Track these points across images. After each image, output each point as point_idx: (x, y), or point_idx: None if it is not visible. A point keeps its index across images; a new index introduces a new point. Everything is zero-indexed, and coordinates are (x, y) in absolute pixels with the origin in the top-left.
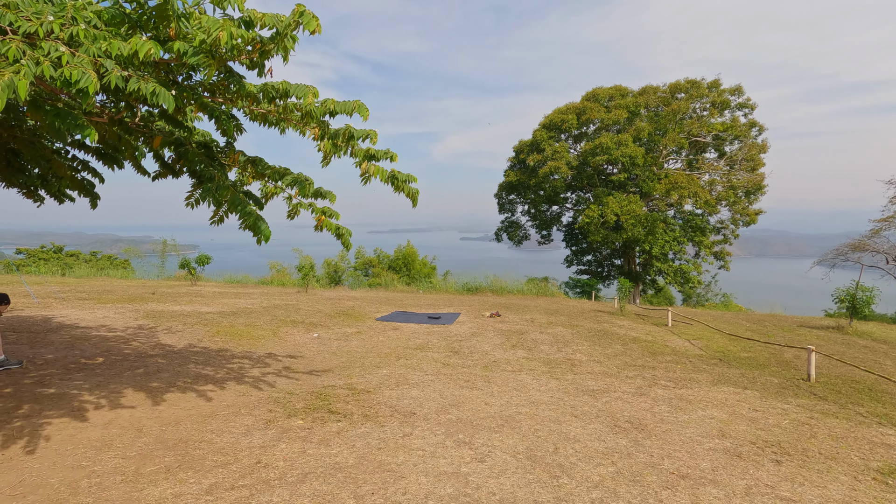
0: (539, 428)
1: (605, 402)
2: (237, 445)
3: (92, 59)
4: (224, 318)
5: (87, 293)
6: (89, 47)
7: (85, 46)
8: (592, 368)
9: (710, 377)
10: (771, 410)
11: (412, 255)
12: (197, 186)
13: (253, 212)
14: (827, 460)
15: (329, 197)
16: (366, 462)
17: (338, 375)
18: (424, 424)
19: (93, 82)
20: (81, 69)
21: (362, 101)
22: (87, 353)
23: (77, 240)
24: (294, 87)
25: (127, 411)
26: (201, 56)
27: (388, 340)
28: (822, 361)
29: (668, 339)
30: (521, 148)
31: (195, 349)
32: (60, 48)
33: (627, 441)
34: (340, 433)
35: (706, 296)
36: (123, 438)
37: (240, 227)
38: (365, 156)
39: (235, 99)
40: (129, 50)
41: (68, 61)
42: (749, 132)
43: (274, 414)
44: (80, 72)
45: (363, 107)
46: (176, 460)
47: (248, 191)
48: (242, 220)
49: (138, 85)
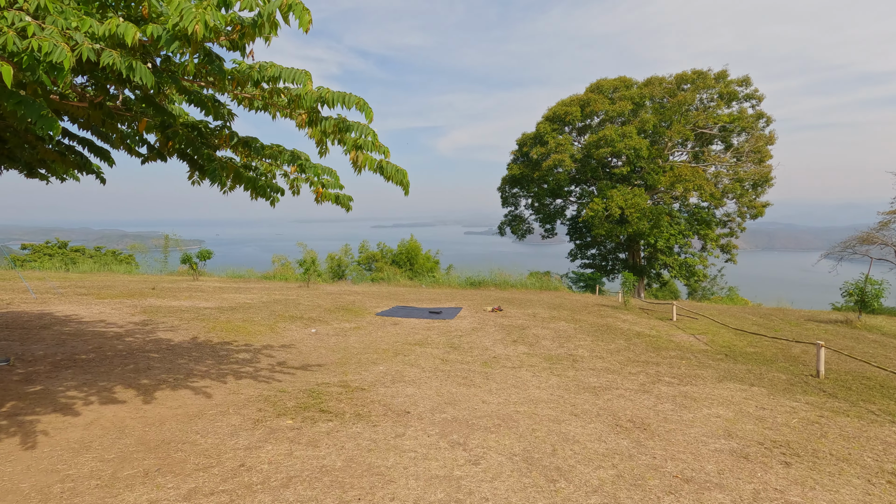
0: (537, 428)
1: (606, 399)
2: (222, 447)
3: (61, 31)
4: (222, 314)
5: (87, 288)
6: (57, 19)
7: (53, 18)
8: (594, 364)
9: (715, 373)
10: (779, 408)
11: (415, 249)
12: (192, 168)
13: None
14: (839, 462)
15: (330, 173)
16: (354, 465)
17: (333, 372)
18: (418, 424)
19: (67, 56)
20: (52, 41)
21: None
22: (78, 349)
23: (84, 235)
24: (287, 72)
25: (111, 410)
26: (176, 44)
27: (387, 336)
28: (831, 357)
29: (672, 334)
30: (524, 141)
31: (190, 345)
32: (26, 17)
33: (629, 442)
34: (330, 433)
35: (711, 289)
36: (104, 439)
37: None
38: (354, 145)
39: (218, 82)
40: (104, 31)
41: (35, 33)
42: (756, 123)
43: (263, 413)
44: (51, 44)
45: (366, 106)
46: (156, 463)
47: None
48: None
49: (112, 59)
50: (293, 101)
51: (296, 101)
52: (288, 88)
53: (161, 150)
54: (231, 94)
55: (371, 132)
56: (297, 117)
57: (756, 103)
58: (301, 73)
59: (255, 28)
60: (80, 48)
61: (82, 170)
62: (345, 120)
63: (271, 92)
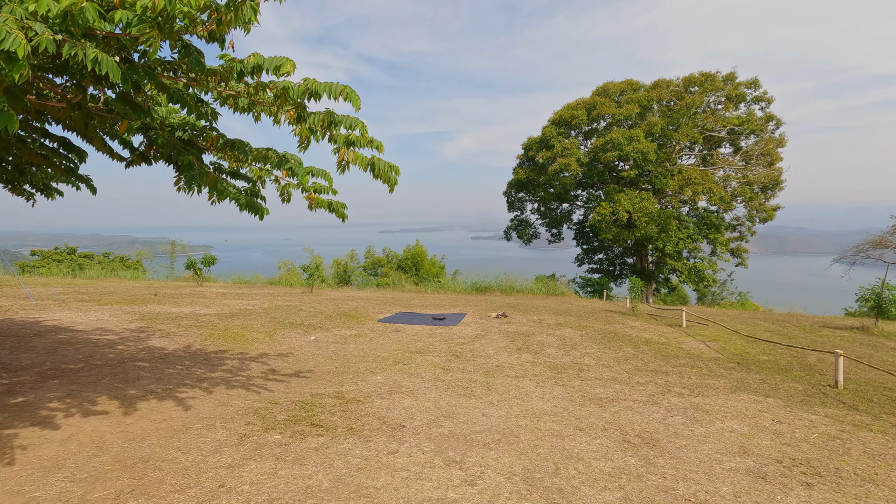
0: (539, 444)
1: (613, 412)
2: (203, 465)
3: (16, 19)
4: (221, 321)
5: (89, 294)
6: (15, 8)
7: (10, 7)
8: (601, 374)
9: (728, 383)
10: (797, 422)
11: (421, 254)
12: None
13: (242, 195)
14: (864, 483)
15: (324, 176)
16: (342, 485)
17: (328, 382)
18: (413, 439)
19: (21, 44)
20: (5, 28)
21: (352, 88)
22: (68, 358)
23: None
24: (267, 60)
25: (91, 424)
26: (143, 26)
27: (388, 343)
28: (849, 366)
29: (682, 341)
30: (529, 145)
31: (184, 353)
32: None
33: (637, 459)
34: (319, 450)
35: (721, 294)
36: (79, 457)
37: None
38: (345, 142)
39: (200, 78)
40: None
41: None
42: (766, 126)
43: (251, 427)
44: (4, 31)
45: (353, 93)
46: (130, 483)
47: (238, 171)
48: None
49: (75, 50)
50: (279, 95)
51: (282, 97)
52: (274, 82)
53: (145, 154)
54: (215, 93)
55: (360, 124)
56: (286, 114)
57: (765, 105)
58: (283, 59)
59: (233, 10)
60: (38, 38)
61: (70, 178)
62: (333, 113)
63: (256, 87)
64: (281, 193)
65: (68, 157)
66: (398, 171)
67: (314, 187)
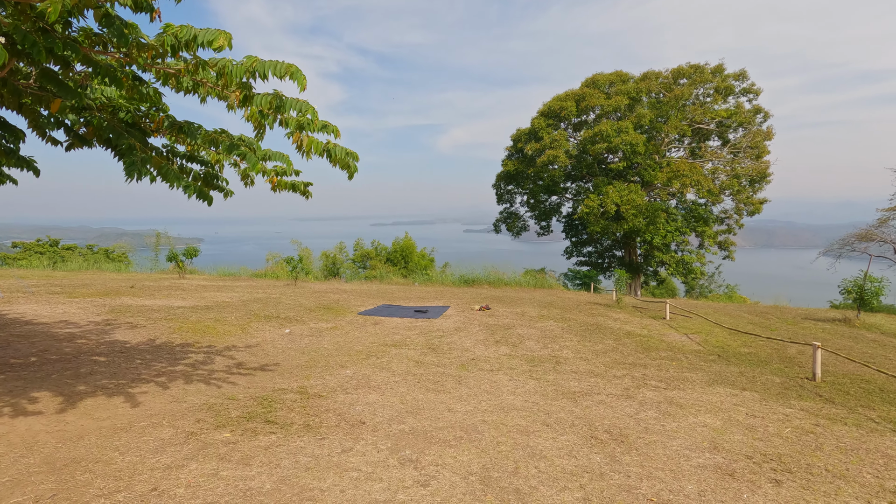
0: (502, 440)
1: (584, 407)
2: (139, 466)
3: None
4: (194, 313)
5: (62, 287)
6: None
7: None
8: (578, 367)
9: (705, 376)
10: (771, 416)
11: (410, 247)
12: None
13: (192, 182)
14: (835, 479)
15: (282, 158)
16: (285, 487)
17: (294, 377)
18: (370, 437)
19: None
20: None
21: (298, 67)
22: (21, 352)
23: (82, 233)
24: (201, 33)
25: (27, 422)
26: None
27: (364, 336)
28: (828, 358)
29: (664, 334)
30: (518, 136)
31: (147, 347)
32: None
33: (602, 457)
34: (269, 448)
35: (709, 287)
36: (5, 458)
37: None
38: (296, 125)
39: (132, 53)
40: None
41: None
42: (754, 119)
43: (201, 424)
44: None
45: (299, 72)
46: (53, 487)
47: (195, 155)
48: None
49: None
50: (221, 74)
51: (225, 76)
52: (213, 59)
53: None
54: (153, 71)
55: (311, 109)
56: (230, 95)
57: (753, 97)
58: (217, 33)
59: None
60: None
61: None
62: (281, 96)
63: (196, 65)
64: (242, 177)
65: (5, 136)
66: (356, 157)
67: (276, 170)
